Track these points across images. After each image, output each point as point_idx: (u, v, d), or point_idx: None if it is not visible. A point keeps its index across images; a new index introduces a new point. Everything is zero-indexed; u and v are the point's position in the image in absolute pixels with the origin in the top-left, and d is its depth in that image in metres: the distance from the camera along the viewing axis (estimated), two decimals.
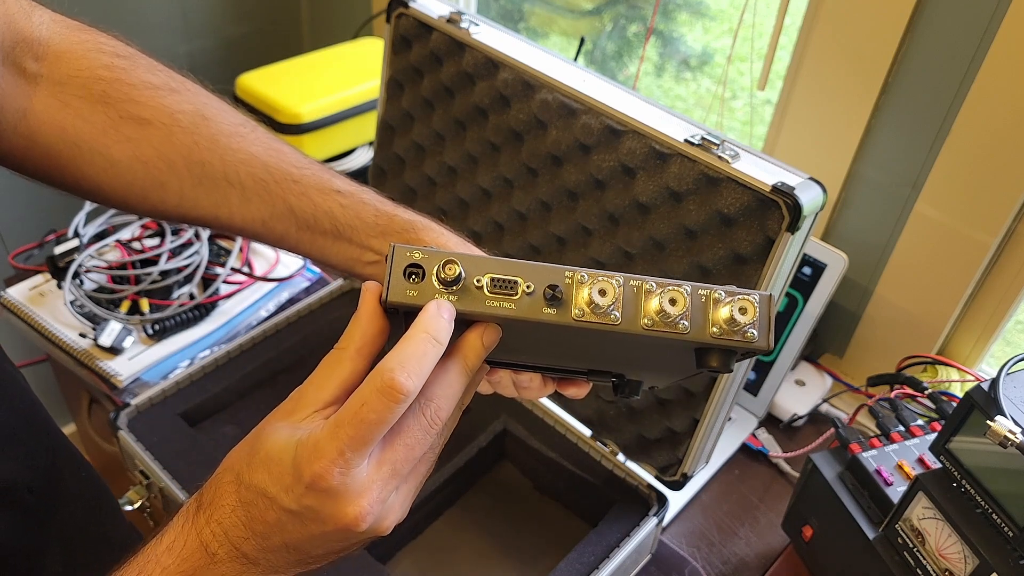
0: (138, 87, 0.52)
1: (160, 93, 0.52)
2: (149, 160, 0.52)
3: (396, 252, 0.40)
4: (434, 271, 0.39)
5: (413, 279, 0.39)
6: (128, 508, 0.75)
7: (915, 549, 0.60)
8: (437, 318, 0.37)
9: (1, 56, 0.48)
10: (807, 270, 0.85)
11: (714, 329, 0.40)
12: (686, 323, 0.40)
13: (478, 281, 0.40)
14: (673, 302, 0.40)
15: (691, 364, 0.42)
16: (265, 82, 1.11)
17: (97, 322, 0.89)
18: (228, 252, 0.99)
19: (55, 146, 0.51)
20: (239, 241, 1.00)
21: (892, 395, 0.77)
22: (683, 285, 0.40)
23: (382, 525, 0.39)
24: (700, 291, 0.41)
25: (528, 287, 0.40)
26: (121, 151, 0.51)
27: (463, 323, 0.40)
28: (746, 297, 0.40)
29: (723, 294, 0.40)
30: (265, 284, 0.98)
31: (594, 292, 0.40)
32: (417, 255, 0.39)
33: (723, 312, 0.40)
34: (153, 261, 0.94)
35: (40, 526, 0.50)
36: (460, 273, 0.39)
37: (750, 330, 0.40)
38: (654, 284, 0.40)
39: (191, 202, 0.53)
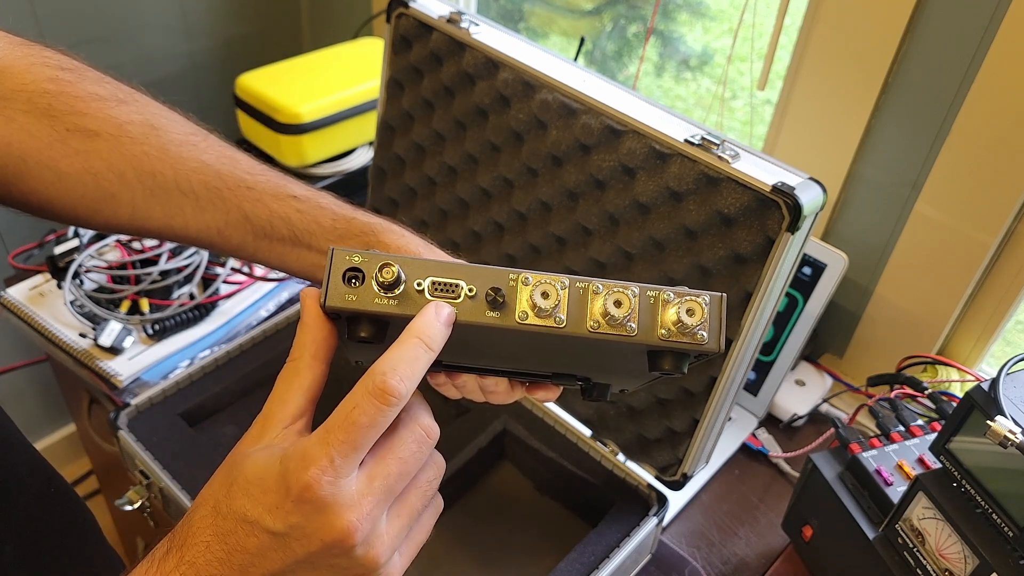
0: (84, 99, 0.51)
1: (108, 104, 0.51)
2: (99, 172, 0.51)
3: (335, 256, 0.39)
4: (373, 275, 0.38)
5: (353, 283, 0.39)
6: (128, 508, 0.75)
7: (915, 549, 0.60)
8: (433, 323, 0.37)
9: None
10: (807, 270, 0.85)
11: (662, 331, 0.40)
12: (633, 325, 0.39)
13: (419, 284, 0.39)
14: (618, 304, 0.39)
15: (646, 367, 0.42)
16: (265, 82, 1.11)
17: (97, 322, 0.89)
18: None
19: (0, 161, 0.49)
20: None
21: (892, 395, 0.77)
22: (631, 287, 0.40)
23: (370, 553, 0.37)
24: (649, 292, 0.40)
25: (470, 290, 0.39)
26: (70, 164, 0.50)
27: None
28: (694, 299, 0.40)
29: (672, 295, 0.40)
30: (265, 284, 0.98)
31: (536, 295, 0.39)
32: (356, 258, 0.39)
33: (671, 314, 0.39)
34: (153, 261, 0.94)
35: (3, 546, 0.48)
36: (399, 276, 0.38)
37: (700, 332, 0.39)
38: (601, 286, 0.40)
39: (144, 213, 0.52)
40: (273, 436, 0.38)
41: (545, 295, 0.39)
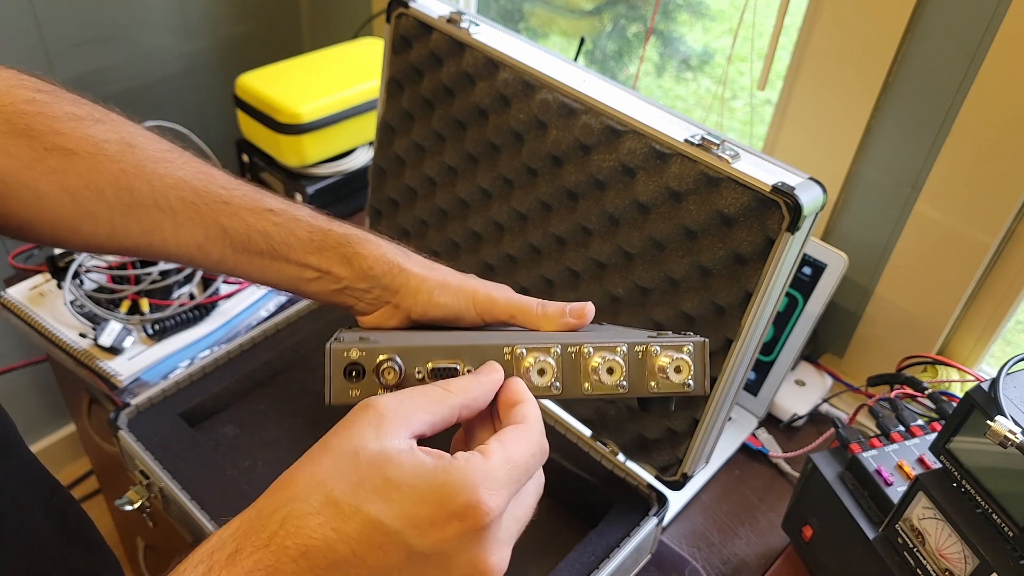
0: (62, 119, 0.51)
1: (84, 124, 0.52)
2: (77, 190, 0.51)
3: (332, 353, 0.40)
4: (373, 367, 0.40)
5: (354, 377, 0.40)
6: (128, 508, 0.75)
7: (915, 549, 0.60)
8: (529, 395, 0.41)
9: None
10: (807, 270, 0.85)
11: (652, 384, 0.43)
12: (624, 383, 0.43)
13: (419, 372, 0.41)
14: (611, 371, 0.42)
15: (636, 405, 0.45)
16: (265, 82, 1.11)
17: (97, 322, 0.89)
18: None
19: None
20: None
21: (892, 395, 0.77)
22: (620, 345, 0.42)
23: None
24: (636, 348, 0.43)
25: (468, 370, 0.42)
26: (48, 183, 0.50)
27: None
28: (680, 355, 0.43)
29: (659, 348, 0.43)
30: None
31: (533, 373, 0.42)
32: (355, 353, 0.40)
33: (658, 369, 0.43)
34: (153, 261, 0.94)
35: (2, 552, 0.48)
36: (400, 372, 0.40)
37: (687, 381, 0.43)
38: (591, 348, 0.42)
39: (123, 231, 0.53)
40: (404, 437, 0.35)
41: (541, 372, 0.42)
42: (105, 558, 0.57)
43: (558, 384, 0.42)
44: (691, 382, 0.42)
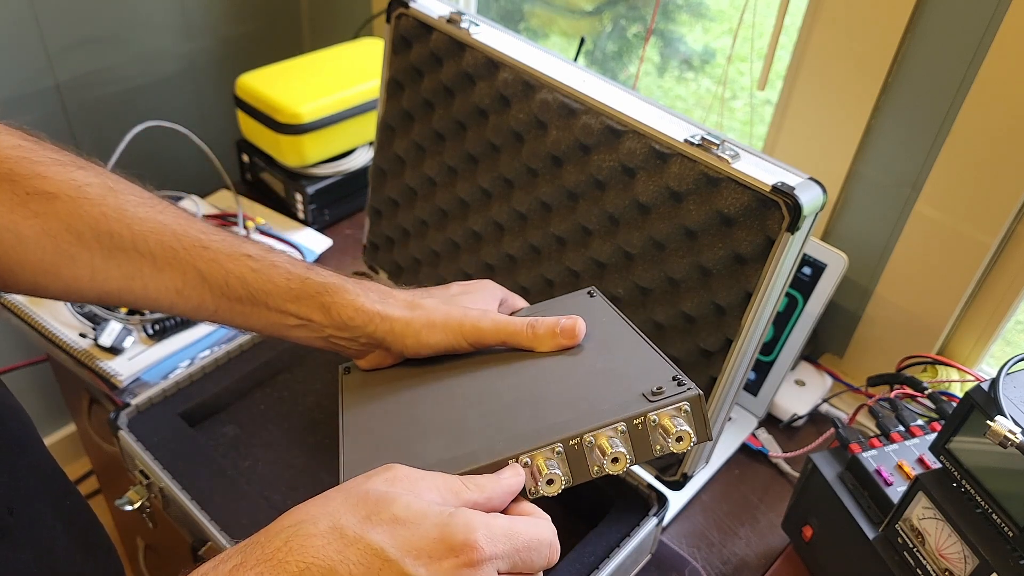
0: (45, 163, 0.52)
1: (67, 168, 0.52)
2: (57, 233, 0.51)
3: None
4: None
5: None
6: (128, 508, 0.75)
7: (915, 549, 0.60)
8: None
9: None
10: (807, 270, 0.85)
11: (657, 448, 0.45)
12: (631, 457, 0.45)
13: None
14: (616, 461, 0.44)
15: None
16: (265, 82, 1.11)
17: (97, 322, 0.89)
18: None
19: None
20: None
21: (892, 395, 0.77)
22: (619, 424, 0.44)
23: None
24: (635, 422, 0.44)
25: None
26: (29, 227, 0.51)
27: None
28: (683, 429, 0.44)
29: (656, 418, 0.44)
30: None
31: (542, 483, 0.44)
32: None
33: (659, 439, 0.45)
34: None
35: (16, 552, 0.48)
36: None
37: (690, 439, 0.44)
38: (592, 438, 0.44)
39: (103, 275, 0.53)
40: (408, 492, 0.38)
41: (550, 482, 0.44)
42: (113, 564, 0.57)
43: (568, 478, 0.45)
44: (694, 438, 0.44)
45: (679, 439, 0.43)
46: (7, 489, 0.48)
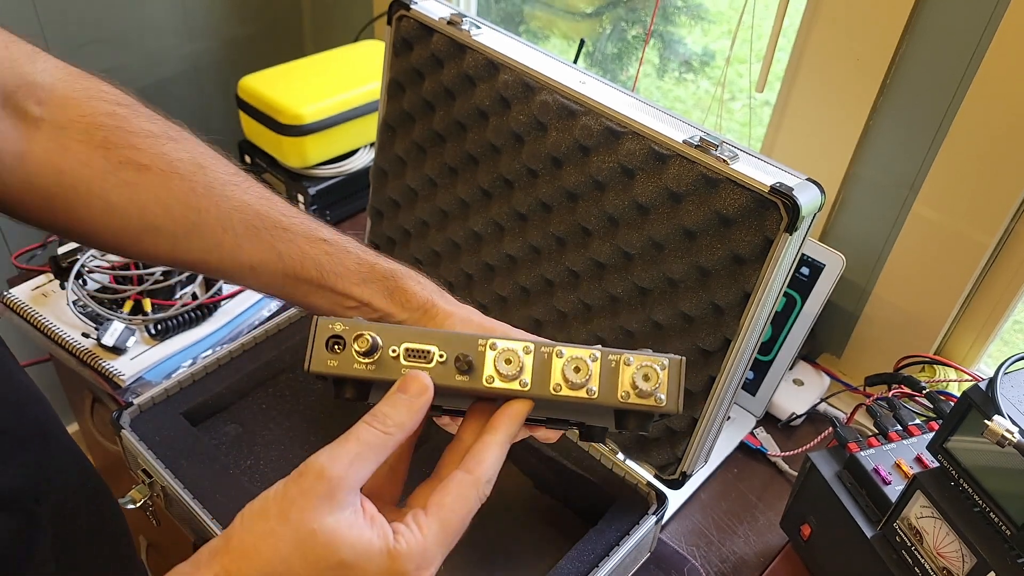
0: (138, 134, 0.53)
1: (160, 141, 0.54)
2: (145, 205, 0.53)
3: (319, 324, 0.43)
4: (352, 340, 0.42)
5: (336, 349, 0.42)
6: (131, 507, 0.76)
7: (913, 548, 0.60)
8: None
9: (2, 99, 0.49)
10: (805, 270, 0.85)
11: (622, 393, 0.43)
12: (594, 388, 0.43)
13: (394, 351, 0.43)
14: (577, 370, 0.43)
15: (613, 423, 0.45)
16: (267, 84, 1.11)
17: (100, 322, 0.89)
18: None
19: (52, 189, 0.51)
20: None
21: (890, 395, 0.77)
22: (593, 351, 0.43)
23: None
24: (611, 356, 0.43)
25: (441, 356, 0.43)
26: (119, 196, 0.52)
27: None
28: (651, 366, 0.43)
29: (632, 359, 0.43)
30: None
31: (500, 362, 0.43)
32: (338, 327, 0.42)
33: (629, 378, 0.43)
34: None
35: (41, 539, 0.49)
36: (375, 344, 0.42)
37: (657, 395, 0.42)
38: (564, 350, 0.43)
39: (184, 246, 0.54)
40: (349, 507, 0.39)
41: (508, 361, 0.43)
42: (130, 555, 0.58)
43: (526, 379, 0.42)
44: (663, 396, 0.42)
45: (646, 377, 0.42)
46: (34, 478, 0.48)
